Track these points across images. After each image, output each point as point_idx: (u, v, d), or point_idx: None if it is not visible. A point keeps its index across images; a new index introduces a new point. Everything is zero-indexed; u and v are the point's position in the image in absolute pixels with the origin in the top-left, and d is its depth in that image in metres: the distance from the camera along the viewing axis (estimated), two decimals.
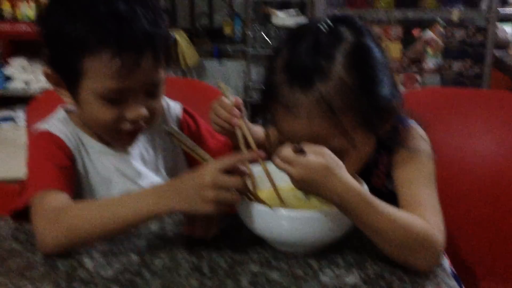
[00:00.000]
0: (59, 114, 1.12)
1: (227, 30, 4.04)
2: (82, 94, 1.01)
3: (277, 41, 3.48)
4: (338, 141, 0.92)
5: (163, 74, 1.04)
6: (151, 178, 1.13)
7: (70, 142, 1.07)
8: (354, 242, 0.95)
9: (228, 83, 3.90)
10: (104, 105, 1.00)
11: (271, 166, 0.98)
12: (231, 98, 1.01)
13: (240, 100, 1.02)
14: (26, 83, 3.36)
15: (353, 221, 0.87)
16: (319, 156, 0.83)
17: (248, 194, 0.91)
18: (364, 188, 0.90)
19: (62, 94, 1.05)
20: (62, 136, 1.06)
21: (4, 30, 3.19)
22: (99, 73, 0.96)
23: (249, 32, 3.59)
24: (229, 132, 1.02)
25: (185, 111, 1.23)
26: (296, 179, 0.84)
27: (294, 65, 0.92)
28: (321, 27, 0.92)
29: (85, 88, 0.99)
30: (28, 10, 3.17)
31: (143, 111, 1.02)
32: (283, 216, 0.88)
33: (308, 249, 0.93)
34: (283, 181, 1.01)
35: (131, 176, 1.12)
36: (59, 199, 0.95)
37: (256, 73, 3.76)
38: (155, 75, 1.02)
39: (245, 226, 0.94)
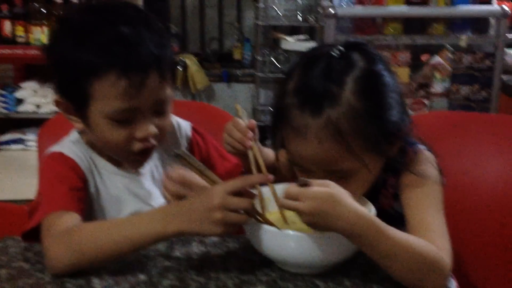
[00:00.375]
0: (72, 136, 1.13)
1: (237, 55, 4.08)
2: (92, 118, 1.02)
3: (286, 66, 3.53)
4: (347, 164, 0.93)
5: (170, 92, 1.06)
6: (161, 198, 1.14)
7: (82, 163, 1.08)
8: (360, 263, 0.95)
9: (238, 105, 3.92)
10: (114, 127, 1.01)
11: (278, 188, 1.00)
12: (245, 120, 1.03)
13: (254, 122, 1.02)
14: (37, 106, 3.40)
15: (363, 249, 0.87)
16: (324, 187, 0.84)
17: (256, 215, 0.92)
18: (372, 213, 0.91)
19: (73, 120, 1.07)
20: (74, 157, 1.07)
21: (17, 54, 3.24)
22: (106, 95, 0.98)
23: (258, 57, 3.62)
24: (241, 154, 1.02)
25: (194, 130, 1.24)
26: (305, 212, 0.84)
27: (305, 89, 0.94)
28: (333, 53, 0.94)
29: (94, 111, 1.01)
30: (40, 35, 3.23)
31: (152, 129, 1.03)
32: (291, 237, 0.89)
33: (315, 270, 0.93)
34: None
35: (142, 197, 1.13)
36: (69, 220, 0.96)
37: (265, 96, 3.79)
38: (161, 93, 1.03)
39: (252, 247, 0.95)
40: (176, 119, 1.21)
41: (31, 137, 3.36)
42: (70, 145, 1.10)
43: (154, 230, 0.89)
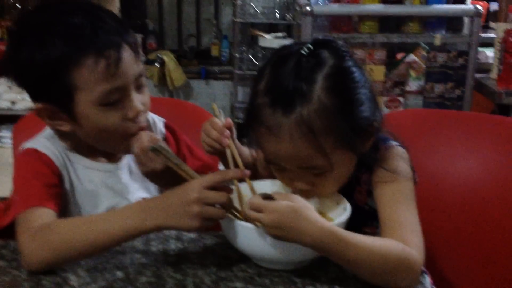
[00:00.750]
0: (46, 131, 1.12)
1: (215, 52, 4.08)
2: (80, 111, 1.01)
3: (263, 62, 3.53)
4: (321, 161, 0.94)
5: (143, 67, 1.07)
6: (138, 193, 1.14)
7: (56, 159, 1.07)
8: None
9: (215, 104, 3.92)
10: (105, 112, 1.01)
11: (256, 184, 1.01)
12: (222, 119, 1.03)
13: (230, 121, 1.03)
14: (12, 102, 3.36)
15: (332, 259, 0.88)
16: (287, 200, 0.86)
17: (233, 211, 0.92)
18: (347, 210, 0.93)
19: (58, 125, 1.05)
20: (49, 153, 1.07)
21: None
22: (89, 81, 0.98)
23: (236, 54, 3.63)
24: (220, 153, 1.03)
25: (166, 126, 1.25)
26: (268, 224, 0.85)
27: (275, 88, 0.94)
28: (302, 51, 0.94)
29: (81, 103, 1.00)
30: None
31: (140, 106, 1.04)
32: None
33: (291, 266, 0.94)
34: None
35: (119, 191, 1.13)
36: (45, 216, 0.96)
37: (243, 94, 3.79)
38: (137, 67, 1.04)
39: (229, 243, 0.95)
40: (151, 115, 1.21)
41: (6, 134, 3.31)
42: (44, 141, 1.09)
43: (132, 225, 0.90)
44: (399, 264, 0.88)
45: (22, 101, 3.34)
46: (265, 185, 1.03)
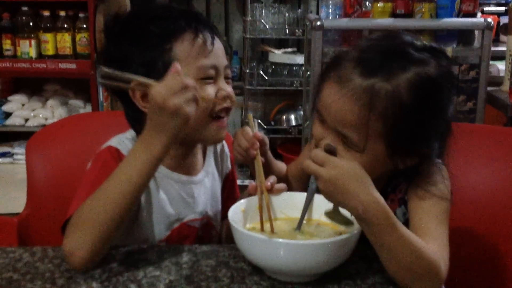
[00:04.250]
0: (129, 133, 1.14)
1: None
2: None
3: (273, 78, 3.55)
4: (356, 136, 0.94)
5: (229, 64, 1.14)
6: (206, 207, 1.18)
7: None
8: (350, 270, 0.96)
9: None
10: (200, 88, 1.03)
11: (284, 196, 1.05)
12: (254, 130, 1.07)
13: (260, 134, 1.07)
14: (25, 119, 3.38)
15: (368, 235, 0.87)
16: (350, 163, 0.86)
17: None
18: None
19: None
20: None
21: (4, 68, 3.23)
22: (189, 55, 1.05)
23: (247, 70, 3.64)
24: (249, 161, 1.07)
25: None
26: (325, 178, 0.85)
27: (369, 52, 0.96)
28: (416, 42, 0.96)
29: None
30: (28, 48, 3.22)
31: (230, 90, 1.10)
32: (280, 245, 0.89)
33: (305, 279, 0.93)
34: (281, 213, 1.03)
35: (190, 203, 1.15)
36: None
37: (253, 109, 3.80)
38: (227, 59, 1.12)
39: (243, 256, 0.95)
40: None
41: (18, 151, 3.34)
42: (127, 143, 1.11)
43: (144, 164, 0.93)
44: (429, 269, 0.87)
45: (34, 118, 3.37)
46: (294, 197, 1.05)
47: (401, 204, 1.04)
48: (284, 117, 3.69)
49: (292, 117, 3.67)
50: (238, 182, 1.36)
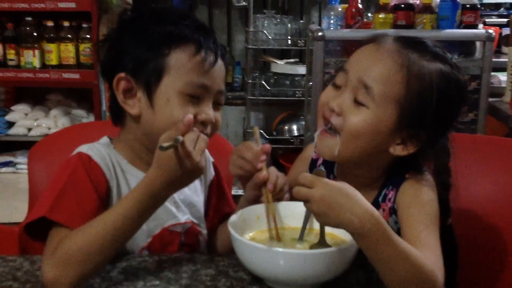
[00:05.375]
0: (103, 140, 1.13)
1: (228, 78, 4.11)
2: (162, 94, 1.03)
3: (276, 88, 3.56)
4: (377, 88, 0.97)
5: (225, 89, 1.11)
6: (187, 214, 1.16)
7: (108, 171, 1.07)
8: (350, 280, 0.96)
9: (228, 129, 3.94)
10: (183, 104, 1.03)
11: (281, 205, 1.05)
12: (259, 143, 1.06)
13: (269, 147, 1.06)
14: (28, 129, 3.39)
15: (364, 249, 0.87)
16: (339, 182, 0.87)
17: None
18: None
19: (128, 104, 1.06)
20: (101, 163, 1.06)
21: (8, 77, 3.25)
22: (183, 66, 1.02)
23: (249, 80, 3.65)
24: (246, 177, 1.06)
25: (214, 167, 1.27)
26: (317, 198, 0.85)
27: (410, 35, 1.05)
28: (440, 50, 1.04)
29: (166, 86, 1.03)
30: (32, 58, 3.24)
31: (212, 115, 1.06)
32: (280, 254, 0.89)
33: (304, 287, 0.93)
34: (281, 222, 1.03)
35: (169, 207, 1.12)
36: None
37: (255, 119, 3.80)
38: (223, 84, 1.08)
39: (242, 265, 0.95)
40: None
41: (21, 160, 3.34)
42: (100, 148, 1.09)
43: (145, 206, 0.94)
44: (427, 280, 0.87)
45: (37, 127, 3.38)
46: (295, 206, 1.04)
47: (392, 214, 1.05)
48: (286, 127, 3.70)
49: (294, 127, 3.67)
50: (233, 191, 1.35)
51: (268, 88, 3.58)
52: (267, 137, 3.59)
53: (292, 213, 1.05)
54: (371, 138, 0.99)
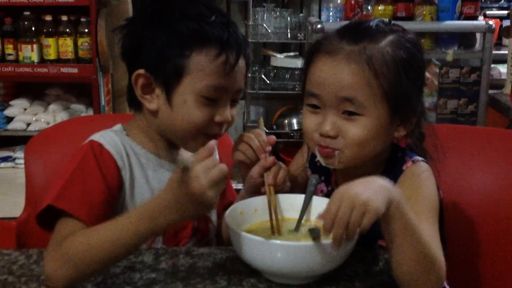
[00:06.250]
0: (116, 127, 1.12)
1: None
2: (180, 94, 1.02)
3: (275, 82, 3.55)
4: (360, 96, 0.96)
5: (244, 86, 1.09)
6: None
7: (120, 159, 1.05)
8: (348, 272, 0.96)
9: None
10: (201, 105, 1.02)
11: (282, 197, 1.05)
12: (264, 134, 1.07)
13: (274, 138, 1.06)
14: (27, 124, 3.39)
15: (383, 222, 0.86)
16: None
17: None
18: None
19: (146, 99, 1.05)
20: (113, 152, 1.04)
21: (6, 72, 3.24)
22: (204, 69, 1.01)
23: (249, 74, 3.64)
24: (247, 164, 1.06)
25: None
26: (346, 197, 0.82)
27: (347, 26, 1.03)
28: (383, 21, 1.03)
29: (186, 86, 1.02)
30: (30, 53, 3.22)
31: (229, 115, 1.05)
32: (277, 247, 0.88)
33: (302, 281, 0.92)
34: (278, 214, 1.02)
35: None
36: (74, 229, 0.94)
37: (255, 113, 3.80)
38: (243, 81, 1.06)
39: (239, 258, 0.94)
40: None
41: (20, 155, 3.33)
42: (113, 136, 1.07)
43: (144, 228, 0.88)
44: (433, 266, 0.87)
45: (36, 122, 3.37)
46: (292, 198, 1.05)
47: None
48: (286, 121, 3.69)
49: (294, 121, 3.66)
50: (233, 184, 1.35)
51: (268, 82, 3.57)
52: (267, 131, 3.58)
53: (291, 204, 1.04)
54: (377, 139, 0.99)
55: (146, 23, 1.05)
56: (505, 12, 3.73)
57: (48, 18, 3.22)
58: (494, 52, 2.74)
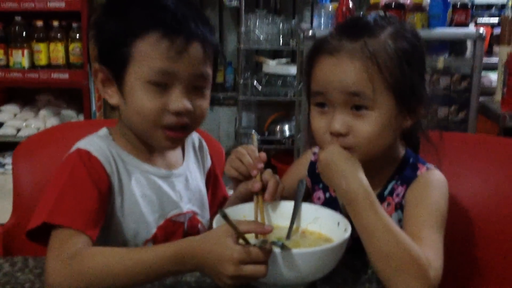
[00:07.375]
0: (101, 131, 1.10)
1: (219, 78, 4.09)
2: (129, 83, 1.00)
3: (267, 89, 3.55)
4: (368, 90, 0.96)
5: (211, 74, 1.05)
6: (189, 204, 1.14)
7: (108, 165, 1.03)
8: (336, 280, 0.95)
9: (220, 130, 3.93)
10: (149, 92, 0.99)
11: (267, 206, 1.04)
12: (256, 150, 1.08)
13: (265, 155, 1.07)
14: (17, 129, 3.37)
15: (352, 217, 0.91)
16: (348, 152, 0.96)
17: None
18: (348, 231, 0.92)
19: (108, 94, 1.05)
20: (101, 158, 1.02)
21: None
22: (147, 55, 0.98)
23: (241, 80, 3.64)
24: (239, 180, 1.07)
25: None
26: (320, 158, 0.97)
27: (344, 23, 1.05)
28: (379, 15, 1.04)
29: (132, 74, 1.00)
30: (21, 58, 3.21)
31: (187, 104, 1.01)
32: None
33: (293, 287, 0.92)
34: (267, 222, 1.01)
35: (173, 198, 1.10)
36: (79, 241, 0.92)
37: (247, 120, 3.80)
38: (202, 68, 1.02)
39: None
40: (198, 137, 1.24)
41: (10, 161, 3.30)
42: (99, 142, 1.05)
43: (168, 270, 0.87)
44: (411, 263, 0.87)
45: (26, 128, 3.35)
46: (281, 205, 1.05)
47: (397, 209, 1.05)
48: (278, 127, 3.70)
49: (286, 127, 3.67)
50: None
51: (260, 88, 3.57)
52: (259, 137, 3.58)
53: (280, 212, 1.04)
54: (387, 132, 1.00)
55: (101, 15, 1.06)
56: (496, 19, 3.75)
57: (39, 23, 3.21)
58: (485, 59, 2.75)
